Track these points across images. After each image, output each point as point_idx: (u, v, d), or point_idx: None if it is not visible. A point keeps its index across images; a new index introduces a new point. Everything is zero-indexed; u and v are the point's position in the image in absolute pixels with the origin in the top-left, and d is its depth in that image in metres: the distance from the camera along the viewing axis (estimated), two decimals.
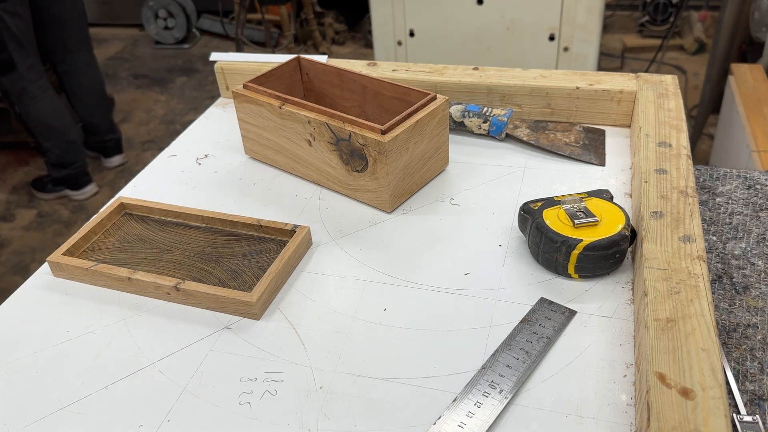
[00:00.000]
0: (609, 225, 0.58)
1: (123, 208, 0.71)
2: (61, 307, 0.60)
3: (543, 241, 0.59)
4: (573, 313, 0.56)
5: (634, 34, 3.27)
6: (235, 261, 0.63)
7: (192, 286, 0.58)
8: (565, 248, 0.57)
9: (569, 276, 0.59)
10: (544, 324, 0.54)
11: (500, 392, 0.48)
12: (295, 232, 0.64)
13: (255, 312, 0.57)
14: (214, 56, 0.93)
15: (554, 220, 0.59)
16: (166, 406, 0.50)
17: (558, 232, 0.58)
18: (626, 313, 0.55)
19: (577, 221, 0.58)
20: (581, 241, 0.57)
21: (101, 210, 0.70)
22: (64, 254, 0.63)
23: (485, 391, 0.48)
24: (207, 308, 0.58)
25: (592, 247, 0.56)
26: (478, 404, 0.47)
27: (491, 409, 0.47)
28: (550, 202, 0.62)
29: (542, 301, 0.57)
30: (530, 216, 0.61)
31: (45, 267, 0.65)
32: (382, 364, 0.52)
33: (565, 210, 0.60)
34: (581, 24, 1.74)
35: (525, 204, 0.63)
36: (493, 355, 0.52)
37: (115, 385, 0.52)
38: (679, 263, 0.53)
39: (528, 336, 0.53)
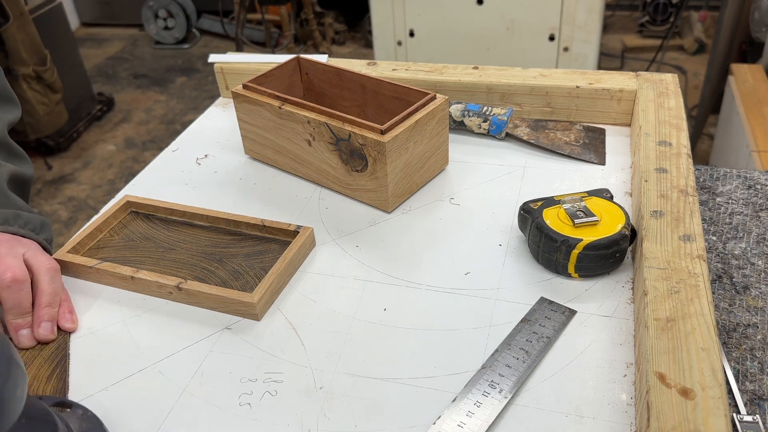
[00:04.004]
0: (609, 224, 0.58)
1: (129, 206, 0.71)
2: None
3: (543, 241, 0.59)
4: (573, 312, 0.56)
5: (634, 34, 3.27)
6: (238, 261, 0.63)
7: (194, 285, 0.58)
8: (565, 248, 0.57)
9: (569, 275, 0.59)
10: (544, 324, 0.54)
11: (500, 392, 0.48)
12: (298, 232, 0.64)
13: (255, 313, 0.57)
14: (213, 58, 0.93)
15: (554, 219, 0.59)
16: (166, 406, 0.50)
17: (558, 231, 0.58)
18: (626, 313, 0.55)
19: (577, 221, 0.58)
20: (581, 240, 0.57)
21: (107, 207, 0.70)
22: (69, 252, 0.63)
23: (485, 391, 0.48)
24: (208, 308, 0.58)
25: (592, 247, 0.56)
26: (478, 404, 0.47)
27: (491, 409, 0.47)
28: (550, 201, 0.62)
29: (542, 300, 0.57)
30: (530, 215, 0.61)
31: None
32: (382, 364, 0.52)
33: (565, 209, 0.60)
34: (581, 24, 1.74)
35: (525, 203, 0.63)
36: (493, 354, 0.52)
37: (115, 385, 0.52)
38: (679, 262, 0.53)
39: (528, 336, 0.53)
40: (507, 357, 0.51)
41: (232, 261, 0.63)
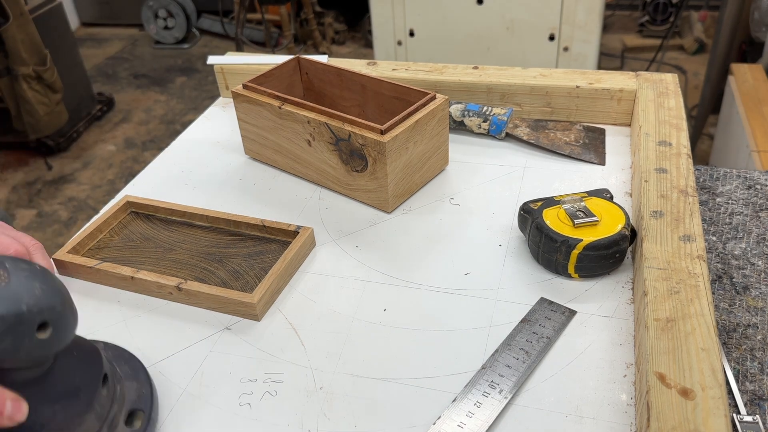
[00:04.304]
0: (609, 224, 0.58)
1: (129, 207, 0.71)
2: None
3: (543, 241, 0.59)
4: (573, 312, 0.56)
5: (634, 34, 3.27)
6: (238, 261, 0.63)
7: (194, 286, 0.58)
8: (565, 248, 0.57)
9: (569, 276, 0.59)
10: (544, 324, 0.54)
11: (500, 392, 0.48)
12: (298, 233, 0.64)
13: (255, 313, 0.57)
14: (212, 59, 0.93)
15: (554, 219, 0.59)
16: (166, 406, 0.50)
17: (558, 231, 0.58)
18: (626, 313, 0.55)
19: (577, 221, 0.58)
20: (581, 240, 0.57)
21: (107, 208, 0.70)
22: (69, 252, 0.63)
23: (485, 391, 0.48)
24: (208, 308, 0.58)
25: (592, 247, 0.56)
26: (478, 404, 0.47)
27: (491, 409, 0.47)
28: (550, 201, 0.62)
29: (542, 301, 0.57)
30: (530, 216, 0.61)
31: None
32: (382, 364, 0.52)
33: (565, 210, 0.60)
34: (581, 24, 1.74)
35: (525, 204, 0.63)
36: (492, 355, 0.52)
37: None
38: (679, 263, 0.53)
39: (528, 336, 0.53)
40: (507, 357, 0.51)
41: (232, 261, 0.63)
